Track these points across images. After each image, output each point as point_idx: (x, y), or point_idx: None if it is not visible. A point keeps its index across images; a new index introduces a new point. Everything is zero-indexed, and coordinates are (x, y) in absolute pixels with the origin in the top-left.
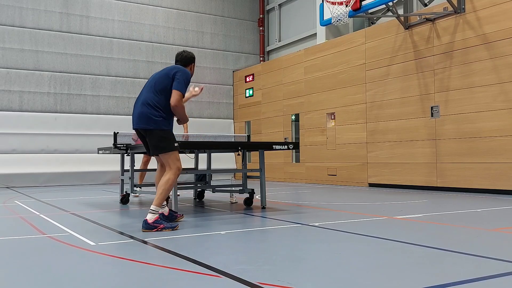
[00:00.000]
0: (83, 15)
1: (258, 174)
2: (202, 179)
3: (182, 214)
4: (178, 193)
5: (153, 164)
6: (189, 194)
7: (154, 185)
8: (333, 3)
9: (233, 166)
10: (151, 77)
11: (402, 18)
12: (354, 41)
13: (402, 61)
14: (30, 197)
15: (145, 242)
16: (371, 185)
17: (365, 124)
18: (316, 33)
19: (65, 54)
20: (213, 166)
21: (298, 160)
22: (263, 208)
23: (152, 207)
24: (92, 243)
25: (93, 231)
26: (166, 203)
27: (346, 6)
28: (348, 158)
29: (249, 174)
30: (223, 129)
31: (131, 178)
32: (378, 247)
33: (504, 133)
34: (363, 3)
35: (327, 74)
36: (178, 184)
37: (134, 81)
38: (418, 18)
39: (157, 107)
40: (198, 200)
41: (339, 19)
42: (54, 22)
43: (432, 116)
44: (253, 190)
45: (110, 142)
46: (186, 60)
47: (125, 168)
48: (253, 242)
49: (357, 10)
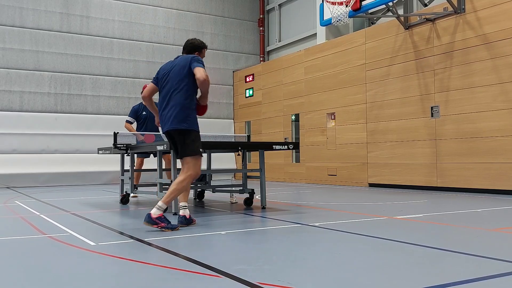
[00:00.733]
0: (84, 15)
1: (258, 174)
2: (202, 179)
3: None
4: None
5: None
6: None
7: (152, 185)
8: (333, 3)
9: (233, 166)
10: (166, 74)
11: (402, 18)
12: (354, 41)
13: (402, 61)
14: (30, 197)
15: (145, 242)
16: (371, 185)
17: (365, 124)
18: (316, 33)
19: (65, 54)
20: (213, 166)
21: (298, 160)
22: (263, 208)
23: (159, 204)
24: (92, 243)
25: (93, 231)
26: (186, 206)
27: (346, 6)
28: (348, 158)
29: (249, 174)
30: (223, 129)
31: (131, 178)
32: (378, 247)
33: (504, 133)
34: (363, 3)
35: (327, 74)
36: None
37: (134, 81)
38: (418, 18)
39: (185, 105)
40: (198, 200)
41: (339, 19)
42: (55, 22)
43: (432, 116)
44: (253, 190)
45: (110, 142)
46: (190, 47)
47: (125, 168)
48: (253, 242)
49: (357, 10)
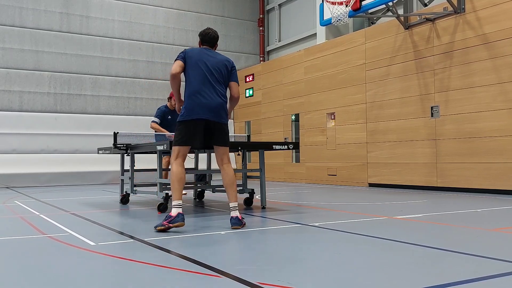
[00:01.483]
0: (83, 15)
1: (258, 174)
2: (202, 179)
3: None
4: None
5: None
6: (189, 194)
7: (152, 185)
8: (333, 3)
9: (233, 166)
10: (203, 63)
11: (402, 18)
12: (354, 41)
13: (402, 61)
14: (30, 197)
15: (145, 242)
16: (371, 185)
17: (365, 124)
18: (316, 33)
19: (65, 54)
20: (213, 166)
21: (298, 160)
22: (263, 208)
23: (235, 204)
24: (92, 243)
25: (93, 231)
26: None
27: (346, 6)
28: (348, 158)
29: (249, 174)
30: None
31: (131, 178)
32: (378, 247)
33: (504, 133)
34: (363, 3)
35: (327, 74)
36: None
37: (134, 81)
38: (418, 18)
39: (226, 98)
40: (198, 200)
41: (339, 19)
42: (54, 22)
43: (432, 116)
44: (253, 190)
45: (110, 142)
46: (215, 41)
47: (125, 168)
48: (253, 242)
49: (357, 10)
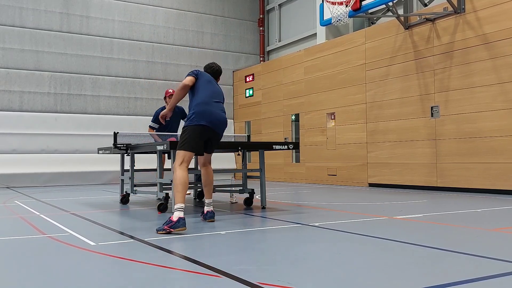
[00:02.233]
0: (83, 15)
1: (258, 174)
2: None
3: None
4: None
5: (150, 164)
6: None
7: (152, 185)
8: (333, 3)
9: (233, 166)
10: (210, 84)
11: (402, 18)
12: (354, 41)
13: (402, 61)
14: (30, 197)
15: (145, 242)
16: (371, 185)
17: (365, 124)
18: (316, 33)
19: (65, 54)
20: (213, 166)
21: (298, 160)
22: (263, 208)
23: (211, 200)
24: (92, 243)
25: (93, 231)
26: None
27: (346, 6)
28: (348, 158)
29: (249, 174)
30: None
31: (131, 178)
32: (378, 247)
33: (504, 133)
34: (363, 3)
35: (327, 74)
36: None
37: (134, 81)
38: (418, 18)
39: None
40: (198, 200)
41: (339, 19)
42: (55, 22)
43: (432, 116)
44: (253, 190)
45: (110, 142)
46: (218, 74)
47: (125, 168)
48: (253, 242)
49: (357, 10)
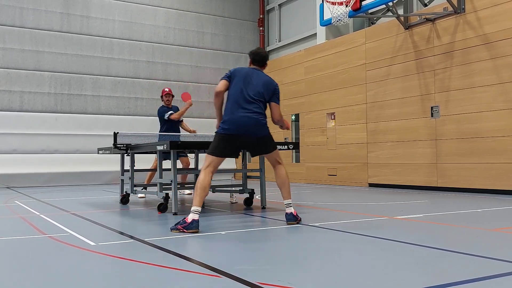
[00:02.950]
0: (84, 15)
1: (258, 174)
2: None
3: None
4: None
5: (150, 164)
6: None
7: (152, 185)
8: (333, 3)
9: (233, 166)
10: (244, 82)
11: (402, 18)
12: (354, 41)
13: (403, 61)
14: (30, 197)
15: (145, 242)
16: (371, 185)
17: (365, 124)
18: (316, 33)
19: (65, 54)
20: None
21: (298, 160)
22: (263, 208)
23: (290, 201)
24: (92, 243)
25: (93, 231)
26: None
27: (346, 6)
28: (348, 158)
29: (249, 174)
30: None
31: (131, 178)
32: (378, 247)
33: (505, 133)
34: (363, 3)
35: (328, 74)
36: (179, 184)
37: (135, 81)
38: (418, 18)
39: (264, 114)
40: None
41: (339, 19)
42: (55, 22)
43: (432, 116)
44: (253, 190)
45: (110, 142)
46: (265, 61)
47: (125, 168)
48: (253, 242)
49: (357, 10)
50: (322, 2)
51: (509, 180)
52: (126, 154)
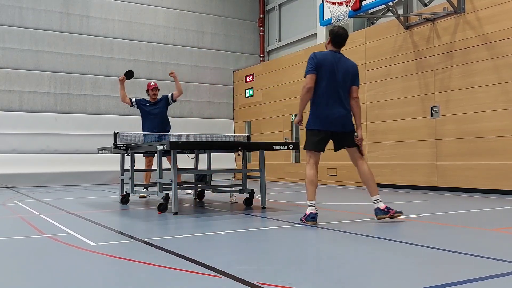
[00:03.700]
0: (83, 15)
1: (258, 174)
2: (202, 179)
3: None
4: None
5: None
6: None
7: (152, 185)
8: (333, 3)
9: (233, 166)
10: (334, 73)
11: (402, 18)
12: (354, 41)
13: (403, 61)
14: (30, 197)
15: (145, 242)
16: None
17: (365, 124)
18: (316, 33)
19: (65, 54)
20: (213, 166)
21: (298, 160)
22: (263, 208)
23: (378, 197)
24: (92, 243)
25: (93, 231)
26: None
27: (346, 6)
28: (348, 158)
29: (249, 174)
30: (223, 129)
31: (131, 178)
32: (378, 247)
33: (505, 133)
34: (363, 3)
35: None
36: (179, 184)
37: (134, 81)
38: (418, 18)
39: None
40: (198, 200)
41: (339, 19)
42: (54, 22)
43: (432, 116)
44: (253, 190)
45: (110, 142)
46: (345, 42)
47: (125, 168)
48: (253, 242)
49: (357, 10)
50: (322, 2)
51: (509, 180)
52: (126, 154)
